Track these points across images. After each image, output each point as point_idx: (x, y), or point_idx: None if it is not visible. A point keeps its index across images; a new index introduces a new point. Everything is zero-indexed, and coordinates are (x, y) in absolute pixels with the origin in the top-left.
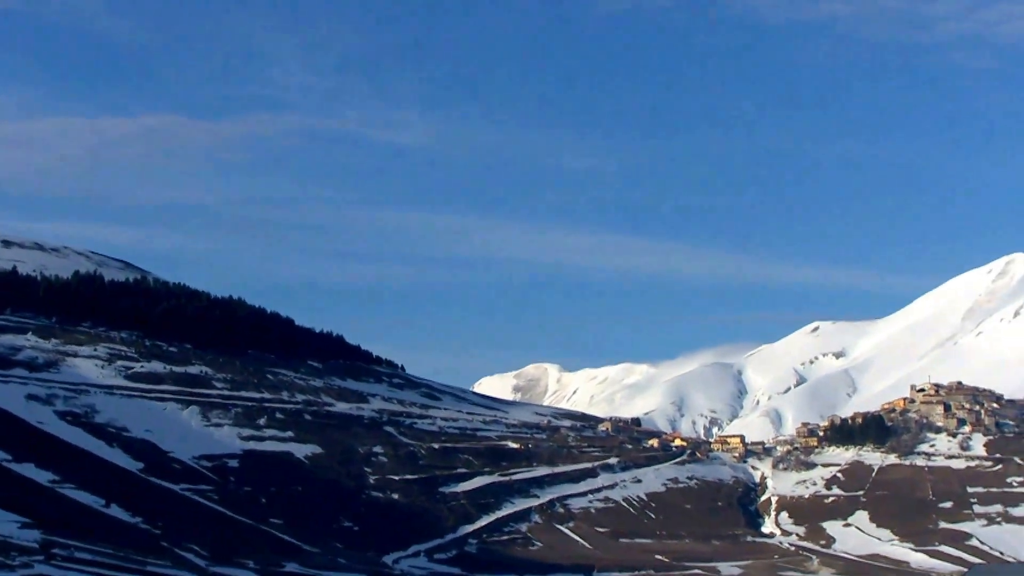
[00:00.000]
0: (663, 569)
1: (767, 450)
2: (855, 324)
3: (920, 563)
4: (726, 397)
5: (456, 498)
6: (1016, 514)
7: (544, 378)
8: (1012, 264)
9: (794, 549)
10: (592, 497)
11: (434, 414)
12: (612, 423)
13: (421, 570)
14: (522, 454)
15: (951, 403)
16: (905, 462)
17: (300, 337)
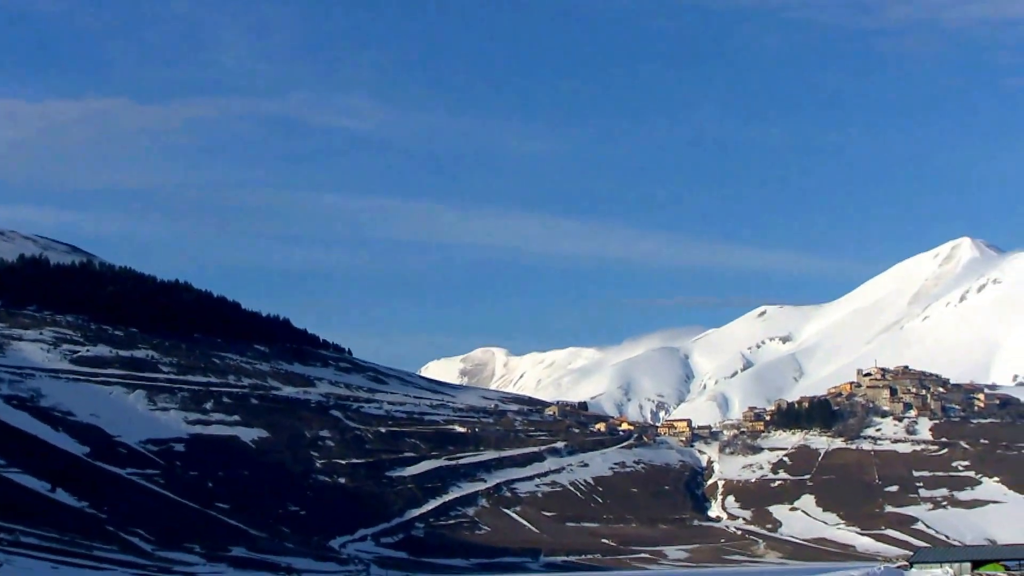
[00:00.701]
0: (610, 553)
1: (714, 434)
2: (802, 309)
3: (866, 547)
4: (673, 381)
5: (403, 482)
6: (962, 498)
7: (491, 362)
8: (958, 249)
9: (740, 533)
10: (539, 481)
11: (381, 398)
12: (559, 407)
13: (368, 554)
14: (469, 438)
15: (897, 387)
16: (851, 446)
17: (247, 321)
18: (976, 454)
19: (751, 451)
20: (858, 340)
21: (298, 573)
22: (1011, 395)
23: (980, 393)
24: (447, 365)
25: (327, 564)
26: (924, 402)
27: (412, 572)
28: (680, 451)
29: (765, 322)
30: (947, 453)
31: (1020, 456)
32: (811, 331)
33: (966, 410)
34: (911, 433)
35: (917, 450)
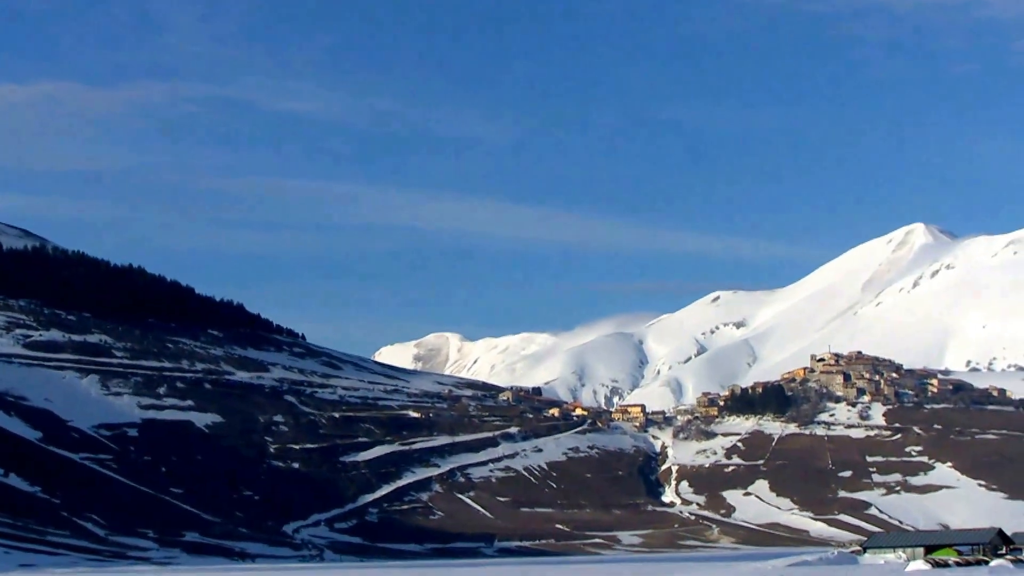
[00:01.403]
0: (564, 538)
1: (668, 419)
2: (755, 294)
3: (819, 532)
4: (627, 367)
5: (357, 467)
6: (915, 483)
7: (445, 347)
8: (911, 234)
9: (694, 518)
10: (493, 466)
11: (335, 383)
12: (513, 393)
13: (322, 539)
14: (423, 423)
15: (851, 373)
16: (805, 431)
17: (200, 306)
18: (929, 439)
19: (705, 436)
20: (812, 325)
21: (252, 558)
22: (964, 380)
23: (933, 378)
24: (401, 350)
25: (281, 549)
26: (877, 387)
27: (366, 557)
28: (634, 436)
29: (719, 307)
30: (900, 438)
31: (973, 442)
32: (765, 316)
33: (919, 395)
34: (864, 418)
35: (870, 435)
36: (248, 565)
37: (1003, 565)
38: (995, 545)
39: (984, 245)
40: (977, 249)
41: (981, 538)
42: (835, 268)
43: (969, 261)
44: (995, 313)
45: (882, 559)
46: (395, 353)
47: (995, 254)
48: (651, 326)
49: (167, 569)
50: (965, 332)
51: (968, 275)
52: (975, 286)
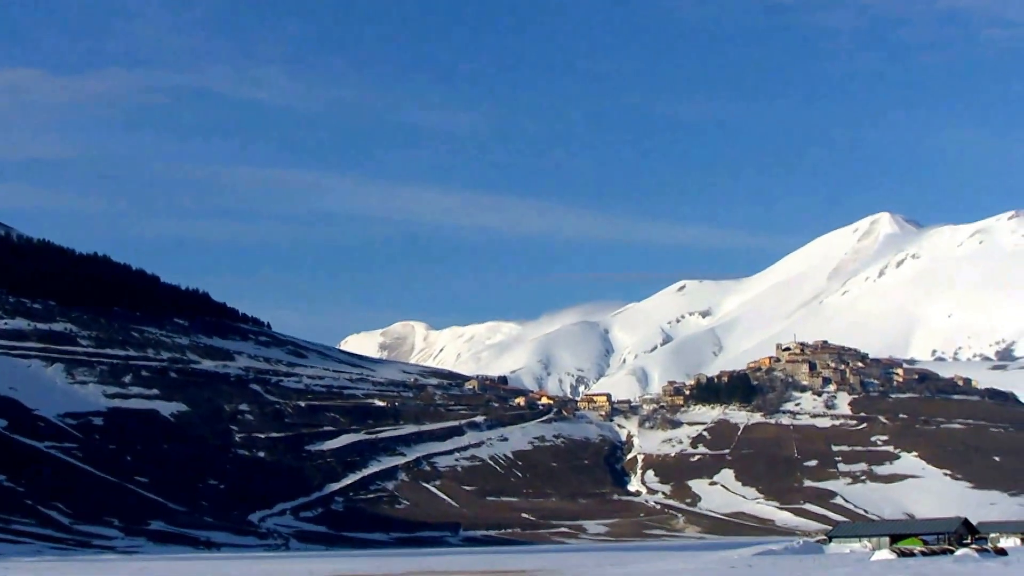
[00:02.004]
0: (529, 527)
1: (633, 408)
2: (721, 283)
3: (785, 521)
4: (593, 355)
5: (322, 456)
6: (880, 472)
7: (411, 336)
8: (877, 224)
9: (660, 507)
10: (459, 455)
11: (300, 372)
12: (479, 381)
13: (287, 528)
14: (389, 412)
15: (816, 362)
16: (770, 421)
17: (166, 294)
18: (895, 429)
19: (670, 425)
20: (777, 315)
21: (217, 547)
22: (929, 370)
23: (899, 368)
24: (367, 339)
25: (246, 538)
26: (843, 377)
27: (331, 546)
28: (600, 425)
29: (685, 296)
30: (866, 428)
31: (938, 431)
32: (730, 306)
33: (885, 385)
34: (830, 408)
35: (836, 425)
36: (213, 554)
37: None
38: (960, 534)
39: (949, 235)
40: (942, 239)
41: (946, 527)
42: (801, 257)
43: (934, 251)
44: (960, 303)
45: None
46: (361, 342)
47: (960, 244)
48: (617, 315)
49: (132, 558)
50: (930, 322)
51: (933, 265)
52: (940, 276)
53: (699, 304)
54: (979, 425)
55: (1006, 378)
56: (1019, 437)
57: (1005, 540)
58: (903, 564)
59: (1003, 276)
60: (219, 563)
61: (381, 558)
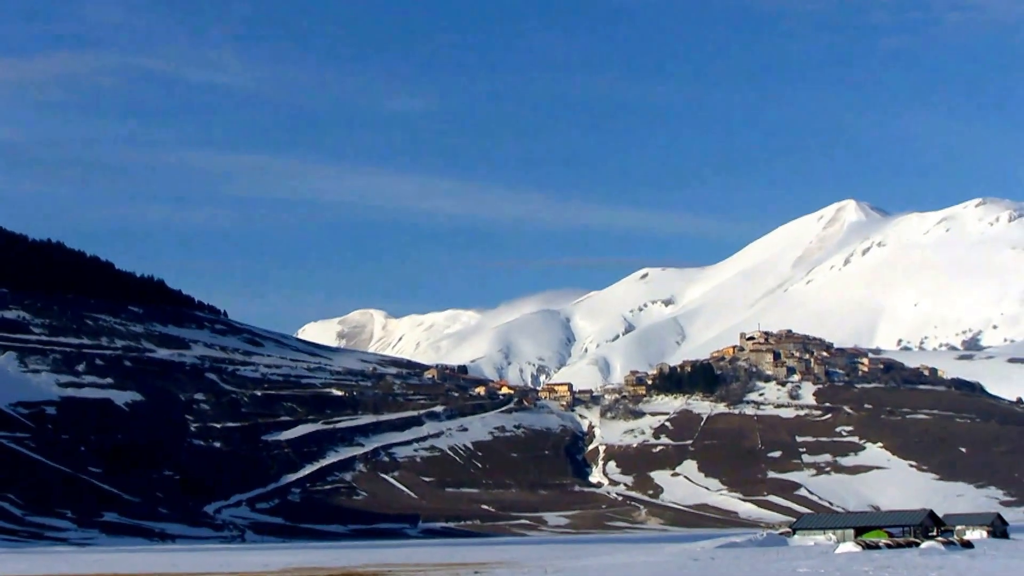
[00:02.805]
0: (489, 519)
1: (595, 399)
2: (684, 271)
3: (748, 513)
4: (554, 344)
5: (279, 447)
6: (845, 464)
7: (369, 324)
8: (843, 211)
9: (622, 499)
10: (417, 446)
11: (257, 361)
12: (438, 371)
13: (243, 520)
14: (347, 402)
15: (781, 351)
16: (734, 411)
17: (120, 282)
18: (860, 419)
19: (632, 416)
20: (741, 303)
21: (172, 539)
22: (895, 359)
23: (864, 357)
24: (324, 327)
25: (201, 530)
26: (807, 366)
27: (288, 538)
28: (561, 415)
29: (647, 284)
30: (830, 418)
31: (904, 421)
32: (694, 294)
33: (850, 374)
34: (794, 398)
35: (800, 415)
36: (168, 546)
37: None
38: (926, 527)
39: (916, 222)
40: (909, 226)
41: (912, 520)
42: (765, 245)
43: (900, 239)
44: (927, 291)
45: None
46: (318, 330)
47: (927, 231)
48: (578, 303)
49: (85, 550)
50: (896, 311)
51: (899, 253)
52: (906, 264)
53: (662, 292)
54: (945, 416)
55: (973, 368)
56: (986, 428)
57: (971, 533)
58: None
59: (970, 264)
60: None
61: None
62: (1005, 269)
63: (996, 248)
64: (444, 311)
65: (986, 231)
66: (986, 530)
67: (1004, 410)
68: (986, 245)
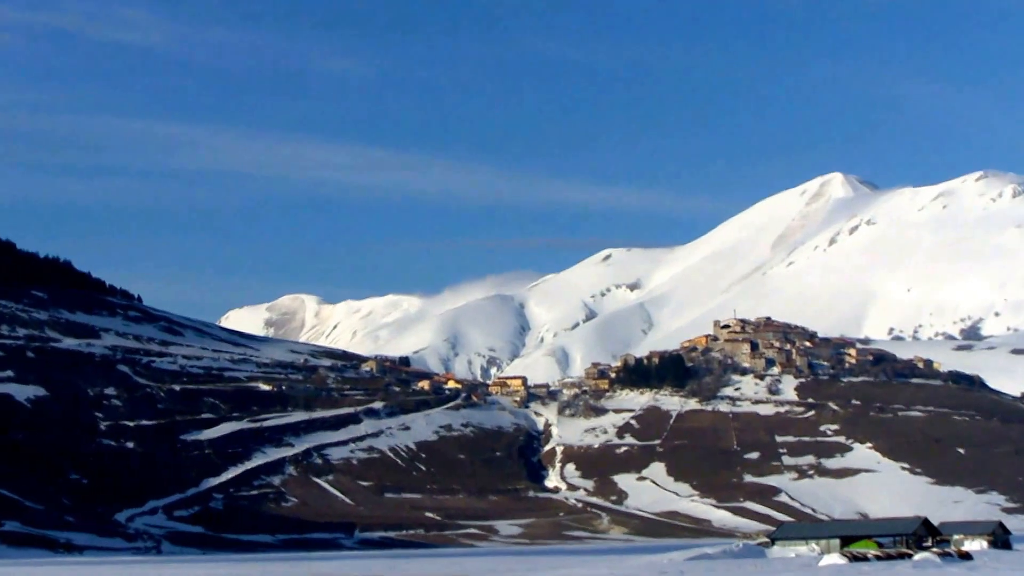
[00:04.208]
0: (434, 528)
1: (552, 394)
2: (651, 252)
3: (723, 521)
4: (506, 333)
5: (200, 447)
6: (830, 466)
7: (300, 311)
8: (828, 185)
9: (582, 506)
10: (354, 446)
11: (175, 351)
12: (377, 363)
13: (159, 529)
14: (275, 397)
15: (759, 341)
16: (707, 408)
17: (22, 263)
18: (846, 417)
19: (594, 413)
20: (715, 288)
21: (79, 550)
22: (886, 350)
23: (851, 348)
24: (251, 314)
25: (112, 540)
26: (788, 358)
27: (209, 549)
28: (514, 413)
29: (610, 267)
30: (814, 416)
31: (896, 419)
32: (662, 277)
33: (835, 367)
34: (774, 393)
35: (780, 412)
36: (74, 558)
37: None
38: (920, 536)
39: (909, 198)
40: (901, 202)
41: (904, 528)
42: (741, 223)
43: (892, 216)
44: (921, 275)
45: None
46: (244, 317)
47: (922, 208)
48: (533, 288)
49: None
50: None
51: (891, 232)
52: (899, 244)
53: (626, 276)
54: (942, 413)
55: (972, 360)
56: (987, 427)
57: (970, 543)
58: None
59: (969, 245)
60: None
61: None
62: (1008, 250)
63: (998, 226)
64: (383, 296)
65: (988, 208)
66: (986, 540)
67: (1007, 407)
68: (987, 223)
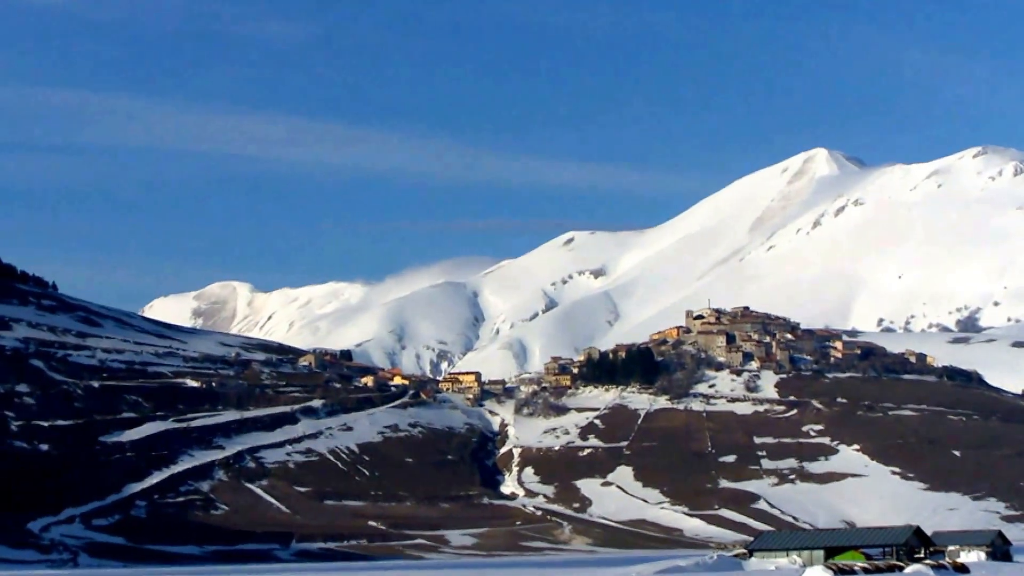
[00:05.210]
0: (379, 538)
1: (508, 391)
2: (618, 235)
3: (696, 530)
4: (458, 325)
5: (121, 449)
6: (813, 470)
7: (232, 300)
8: (811, 162)
9: (541, 514)
10: (291, 449)
11: (94, 344)
12: (316, 356)
13: (76, 539)
14: (204, 395)
15: (735, 333)
16: (678, 406)
17: None
18: (832, 416)
19: (554, 412)
20: (687, 275)
21: None
22: (875, 343)
23: (837, 340)
24: (177, 303)
25: (24, 552)
26: (768, 352)
27: (131, 562)
28: (466, 412)
29: (572, 252)
30: (796, 415)
31: (886, 419)
32: (629, 263)
33: (819, 362)
34: (752, 390)
35: (759, 411)
36: None
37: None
38: (912, 547)
39: (901, 176)
40: (892, 181)
41: (895, 539)
42: (717, 204)
43: (882, 196)
44: (914, 261)
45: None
46: (170, 307)
47: (914, 187)
48: (488, 275)
49: None
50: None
51: (881, 213)
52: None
53: (590, 261)
54: (936, 412)
55: (969, 354)
56: (985, 427)
57: (967, 554)
58: None
59: (966, 227)
60: None
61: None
62: (1009, 233)
63: (998, 207)
64: (323, 284)
65: (987, 187)
66: (984, 551)
67: (1007, 405)
68: (986, 204)
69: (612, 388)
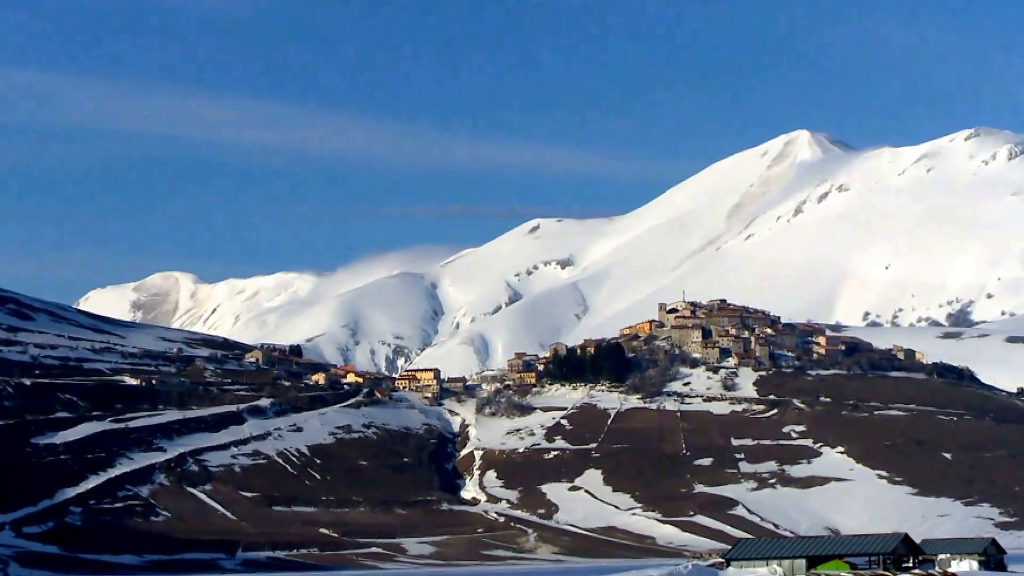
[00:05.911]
0: (331, 547)
1: (469, 389)
2: (587, 223)
3: (669, 538)
4: (416, 318)
5: (54, 452)
6: (795, 474)
7: (174, 292)
8: (792, 145)
9: (504, 520)
10: (236, 451)
11: (25, 339)
12: (264, 352)
13: (6, 548)
14: (144, 393)
15: (711, 328)
16: (651, 406)
17: None
18: (814, 417)
19: (518, 412)
20: (661, 265)
21: None
22: (860, 338)
23: (820, 335)
24: (115, 295)
25: None
26: (746, 347)
27: (65, 573)
28: (424, 411)
29: (538, 240)
30: (776, 415)
31: (872, 419)
32: (599, 252)
33: (801, 358)
34: (729, 389)
35: (737, 411)
36: None
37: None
38: (900, 556)
39: (888, 160)
40: (879, 165)
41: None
42: (692, 189)
43: (868, 181)
44: (902, 250)
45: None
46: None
47: (903, 172)
48: (448, 265)
49: None
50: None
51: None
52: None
53: (557, 251)
54: (925, 412)
55: (961, 349)
56: (977, 428)
57: (958, 563)
58: None
59: (958, 214)
60: None
61: None
62: (1003, 221)
63: (992, 193)
64: (271, 275)
65: (979, 171)
66: (977, 560)
67: (1001, 404)
68: (979, 189)
69: (580, 386)
